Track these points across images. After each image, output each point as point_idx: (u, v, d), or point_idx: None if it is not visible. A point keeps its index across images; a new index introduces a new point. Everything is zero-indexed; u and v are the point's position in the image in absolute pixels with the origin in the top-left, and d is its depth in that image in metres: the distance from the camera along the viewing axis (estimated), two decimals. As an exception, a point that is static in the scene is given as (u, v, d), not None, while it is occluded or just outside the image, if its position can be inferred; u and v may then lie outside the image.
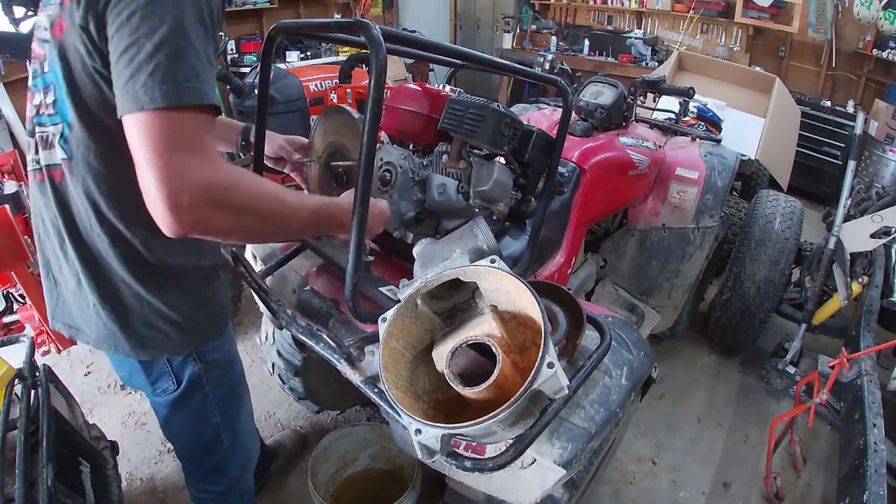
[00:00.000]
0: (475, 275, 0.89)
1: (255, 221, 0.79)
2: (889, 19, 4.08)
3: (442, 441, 0.74)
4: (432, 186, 1.20)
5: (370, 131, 0.84)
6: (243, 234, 0.83)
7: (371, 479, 1.83)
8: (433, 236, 1.23)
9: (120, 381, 2.32)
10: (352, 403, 2.14)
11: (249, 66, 4.51)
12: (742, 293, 2.29)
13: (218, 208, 0.73)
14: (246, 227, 0.79)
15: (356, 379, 1.00)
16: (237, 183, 0.75)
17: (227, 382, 1.14)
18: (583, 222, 1.69)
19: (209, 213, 0.72)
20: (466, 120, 1.13)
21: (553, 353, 0.74)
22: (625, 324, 1.22)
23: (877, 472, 1.41)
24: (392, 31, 0.89)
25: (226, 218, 0.75)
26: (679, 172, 2.03)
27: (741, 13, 4.93)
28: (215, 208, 0.72)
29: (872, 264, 2.22)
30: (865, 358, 1.78)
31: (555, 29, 6.07)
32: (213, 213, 0.73)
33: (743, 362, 2.59)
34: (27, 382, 1.23)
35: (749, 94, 3.71)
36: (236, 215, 0.76)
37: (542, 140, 1.23)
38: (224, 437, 1.18)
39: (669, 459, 2.05)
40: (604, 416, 1.01)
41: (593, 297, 2.15)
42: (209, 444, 1.18)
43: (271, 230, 0.86)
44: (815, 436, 2.17)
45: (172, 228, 0.71)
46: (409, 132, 1.31)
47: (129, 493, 1.82)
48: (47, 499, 1.02)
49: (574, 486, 1.19)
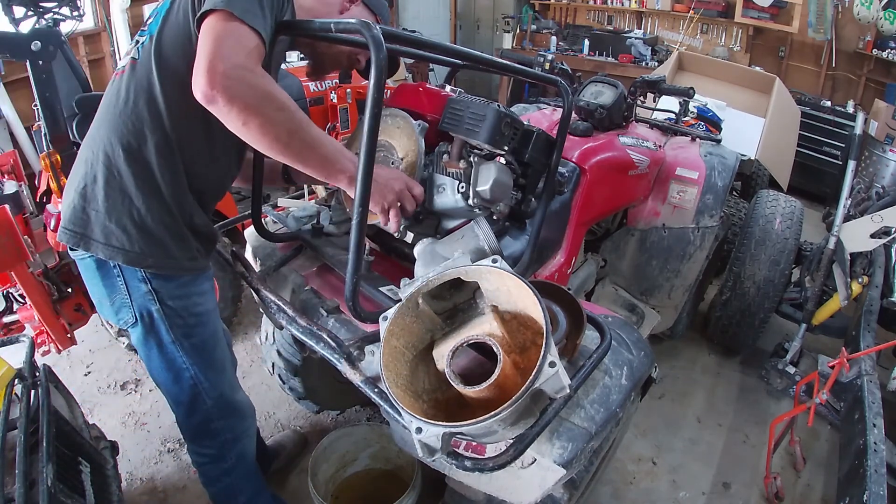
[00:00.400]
0: (476, 274, 0.89)
1: (273, 111, 0.88)
2: (889, 19, 4.08)
3: (443, 439, 0.74)
4: (433, 186, 1.20)
5: (370, 131, 0.84)
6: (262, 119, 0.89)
7: (371, 479, 1.83)
8: (433, 236, 1.23)
9: (120, 382, 2.32)
10: (352, 403, 2.14)
11: (249, 66, 4.50)
12: (742, 293, 2.29)
13: (246, 84, 0.85)
14: (265, 112, 0.88)
15: (356, 379, 1.00)
16: (266, 76, 0.88)
17: (195, 335, 1.18)
18: (583, 222, 1.69)
19: (238, 83, 0.84)
20: (467, 120, 1.13)
21: (555, 352, 0.74)
22: (625, 324, 1.22)
23: (877, 472, 1.41)
24: (392, 31, 0.89)
25: (251, 94, 0.86)
26: (679, 172, 2.03)
27: (741, 13, 4.93)
28: (244, 83, 0.85)
29: (872, 264, 2.22)
30: (865, 358, 1.78)
31: (555, 29, 6.07)
32: (241, 86, 0.85)
33: (743, 362, 2.59)
34: (27, 382, 1.23)
35: (749, 94, 3.71)
36: (259, 97, 0.86)
37: (542, 140, 1.23)
38: (205, 396, 1.23)
39: (669, 459, 2.05)
40: (604, 415, 1.01)
41: (593, 297, 2.15)
42: (190, 401, 1.24)
43: (283, 132, 0.91)
44: (815, 436, 2.17)
45: (204, 89, 0.84)
46: (410, 132, 1.31)
47: (129, 493, 1.82)
48: (47, 499, 1.01)
49: (574, 486, 1.19)
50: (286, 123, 0.90)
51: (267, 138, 0.89)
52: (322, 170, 0.96)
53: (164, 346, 1.16)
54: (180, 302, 1.14)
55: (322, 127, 3.08)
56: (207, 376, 1.22)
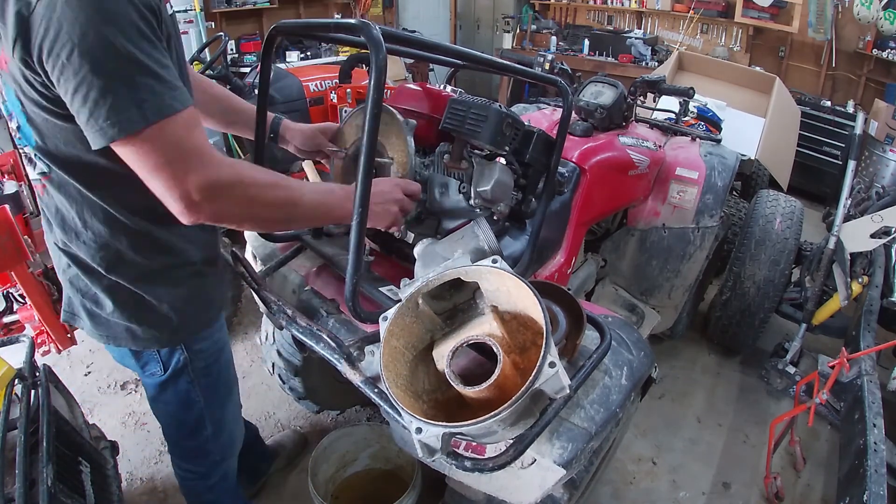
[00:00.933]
0: (476, 275, 0.89)
1: (263, 209, 0.85)
2: (889, 19, 4.08)
3: (443, 440, 0.74)
4: (434, 186, 1.20)
5: (370, 131, 0.84)
6: (255, 221, 0.88)
7: (371, 479, 1.83)
8: (434, 236, 1.23)
9: (120, 382, 2.32)
10: (352, 403, 2.14)
11: (249, 66, 4.51)
12: (742, 293, 2.29)
13: (227, 200, 0.80)
14: (257, 214, 0.85)
15: (356, 379, 1.00)
16: (240, 176, 0.81)
17: (213, 371, 1.17)
18: (583, 222, 1.69)
19: (220, 204, 0.79)
20: (468, 120, 1.13)
21: (555, 352, 0.74)
22: (625, 324, 1.22)
23: (877, 472, 1.41)
24: (392, 31, 0.89)
25: (236, 207, 0.82)
26: (679, 172, 2.03)
27: (741, 13, 4.93)
28: (225, 201, 0.80)
29: (872, 264, 2.22)
30: (865, 358, 1.78)
31: (555, 29, 6.07)
32: (224, 205, 0.80)
33: (743, 362, 2.59)
34: (27, 382, 1.23)
35: (749, 94, 3.71)
36: (244, 205, 0.83)
37: (542, 140, 1.23)
38: (208, 423, 1.22)
39: (669, 459, 2.05)
40: (604, 416, 1.01)
41: (593, 297, 2.15)
42: (192, 428, 1.22)
43: (282, 217, 0.90)
44: (815, 436, 2.17)
45: (192, 220, 0.79)
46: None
47: (129, 493, 1.82)
48: (47, 499, 1.02)
49: (574, 486, 1.19)
50: (279, 213, 0.88)
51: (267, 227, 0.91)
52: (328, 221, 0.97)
53: (180, 385, 1.13)
54: (206, 343, 1.13)
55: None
56: (215, 406, 1.22)
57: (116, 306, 0.98)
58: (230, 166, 0.81)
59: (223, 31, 4.24)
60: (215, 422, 1.23)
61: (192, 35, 4.26)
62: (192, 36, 4.26)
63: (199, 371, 1.13)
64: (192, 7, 4.18)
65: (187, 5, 4.17)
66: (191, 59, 2.85)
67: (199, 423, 1.21)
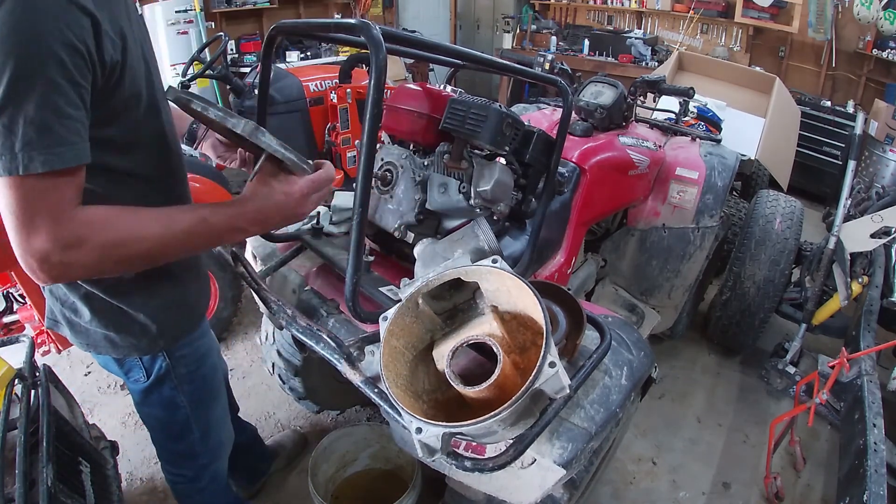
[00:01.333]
0: (477, 275, 0.89)
1: (116, 264, 0.77)
2: (889, 19, 4.08)
3: (442, 440, 0.74)
4: (433, 186, 1.20)
5: (370, 131, 0.84)
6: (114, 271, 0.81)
7: (371, 479, 1.83)
8: (434, 236, 1.23)
9: (120, 381, 2.32)
10: (352, 403, 2.14)
11: (249, 66, 4.52)
12: (742, 293, 2.29)
13: (70, 266, 0.73)
14: (110, 268, 0.78)
15: (356, 379, 1.00)
16: (84, 238, 0.72)
17: (197, 376, 1.15)
18: (583, 222, 1.69)
19: (63, 269, 0.73)
20: (468, 120, 1.13)
21: (555, 352, 0.74)
22: (625, 324, 1.22)
23: (877, 472, 1.41)
24: (392, 32, 0.89)
25: (84, 267, 0.75)
26: (679, 172, 2.03)
27: (741, 13, 4.93)
28: (68, 266, 0.72)
29: (872, 264, 2.22)
30: (865, 358, 1.78)
31: (555, 29, 6.07)
32: (67, 270, 0.73)
33: (743, 362, 2.59)
34: (27, 382, 1.23)
35: (749, 94, 3.71)
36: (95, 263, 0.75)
37: (542, 140, 1.23)
38: (194, 427, 1.20)
39: (669, 459, 2.05)
40: (604, 416, 1.01)
41: (593, 297, 2.15)
42: (179, 432, 1.21)
43: (146, 262, 0.81)
44: (815, 436, 2.17)
45: (39, 282, 0.74)
46: (410, 132, 1.31)
47: (129, 493, 1.82)
48: (47, 499, 1.02)
49: (574, 486, 1.19)
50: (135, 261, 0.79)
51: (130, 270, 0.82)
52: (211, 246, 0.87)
53: (164, 391, 1.12)
54: (188, 349, 1.11)
55: (322, 127, 3.10)
56: (201, 410, 1.20)
57: (94, 315, 0.97)
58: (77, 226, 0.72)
59: (223, 31, 4.24)
60: (202, 425, 1.22)
61: (192, 35, 4.26)
62: (192, 36, 4.26)
63: (182, 377, 1.11)
64: (192, 7, 4.19)
65: (187, 5, 4.17)
66: (191, 60, 2.84)
67: (186, 428, 1.20)
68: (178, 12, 4.15)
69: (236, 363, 2.43)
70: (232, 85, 2.87)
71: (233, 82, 2.86)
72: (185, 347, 1.10)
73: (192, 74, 2.74)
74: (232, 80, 2.85)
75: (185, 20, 4.20)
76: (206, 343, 1.17)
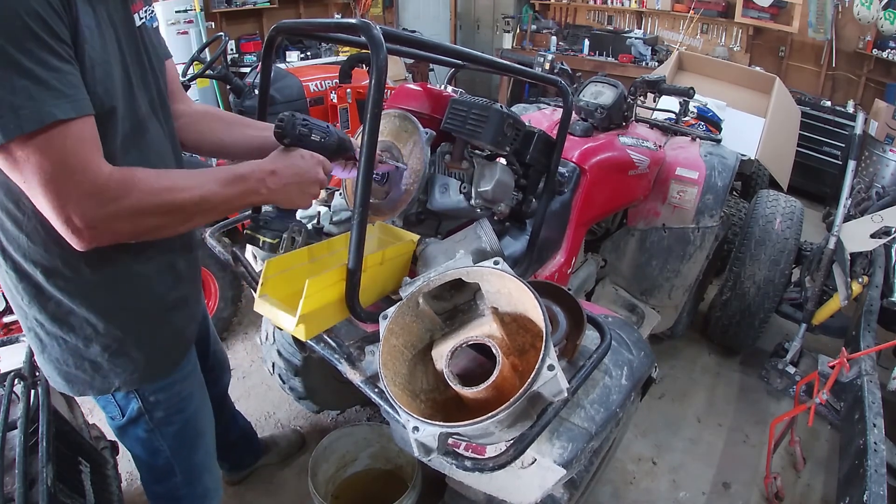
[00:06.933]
0: (478, 276, 0.89)
1: (160, 217, 0.77)
2: (889, 19, 4.08)
3: (439, 439, 0.74)
4: (434, 186, 1.20)
5: (370, 132, 0.84)
6: (154, 230, 0.80)
7: (371, 479, 1.83)
8: (434, 236, 1.23)
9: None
10: (352, 403, 2.14)
11: (249, 66, 4.52)
12: (742, 293, 2.29)
13: (114, 218, 0.72)
14: (153, 224, 0.77)
15: (356, 379, 1.00)
16: (127, 188, 0.72)
17: (177, 421, 1.09)
18: (583, 222, 1.69)
19: (107, 224, 0.72)
20: (469, 120, 1.13)
21: (554, 355, 0.74)
22: (625, 324, 1.22)
23: (877, 472, 1.41)
24: (392, 31, 0.89)
25: (126, 223, 0.74)
26: (679, 172, 2.03)
27: (741, 13, 4.94)
28: (111, 220, 0.72)
29: (872, 264, 2.22)
30: (865, 358, 1.78)
31: (555, 29, 6.07)
32: (110, 224, 0.72)
33: (743, 362, 2.59)
34: (27, 382, 1.23)
35: (749, 94, 3.71)
36: (136, 218, 0.74)
37: (543, 141, 1.23)
38: (177, 471, 1.15)
39: (669, 459, 2.05)
40: (604, 416, 1.01)
41: (593, 297, 2.15)
42: (161, 473, 1.15)
43: (183, 219, 0.81)
44: (815, 436, 2.17)
45: (80, 246, 0.72)
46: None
47: (129, 493, 1.82)
48: (47, 499, 1.01)
49: (574, 486, 1.19)
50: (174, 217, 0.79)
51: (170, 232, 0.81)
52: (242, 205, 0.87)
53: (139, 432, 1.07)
54: (163, 394, 1.04)
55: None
56: (183, 454, 1.14)
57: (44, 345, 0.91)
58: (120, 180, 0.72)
59: (223, 31, 4.24)
60: (185, 470, 1.15)
61: (192, 35, 4.26)
62: (192, 36, 4.26)
63: (159, 420, 1.05)
64: (192, 7, 4.19)
65: (187, 5, 4.17)
66: (191, 60, 2.84)
67: (168, 470, 1.14)
68: (178, 12, 4.15)
69: (236, 363, 2.43)
70: (232, 85, 2.87)
71: (233, 82, 2.86)
72: (160, 393, 1.03)
73: (192, 74, 2.74)
74: (232, 80, 2.85)
75: (185, 20, 4.20)
76: (188, 388, 1.09)
